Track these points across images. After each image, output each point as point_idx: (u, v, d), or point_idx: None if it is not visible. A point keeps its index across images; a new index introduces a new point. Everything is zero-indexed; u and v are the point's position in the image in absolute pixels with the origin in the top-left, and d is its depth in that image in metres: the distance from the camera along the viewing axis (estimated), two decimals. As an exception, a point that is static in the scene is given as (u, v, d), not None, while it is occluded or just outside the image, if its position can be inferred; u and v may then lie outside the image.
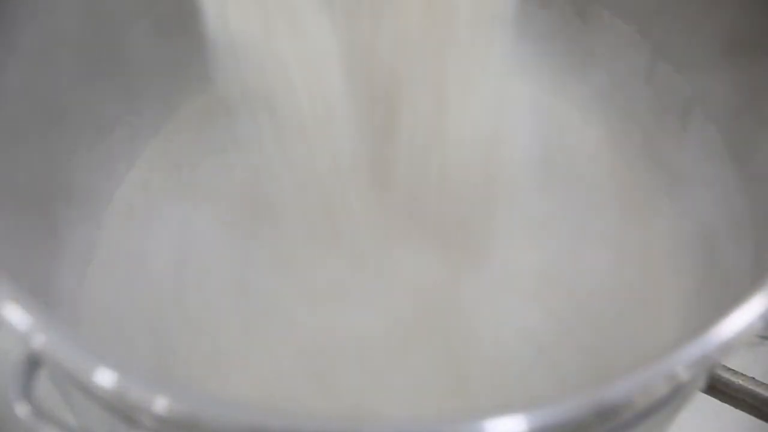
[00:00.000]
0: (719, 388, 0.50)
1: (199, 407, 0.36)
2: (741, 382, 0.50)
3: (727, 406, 0.51)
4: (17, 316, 0.38)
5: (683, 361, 0.38)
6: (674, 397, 0.43)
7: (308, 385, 0.61)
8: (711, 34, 0.64)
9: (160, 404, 0.36)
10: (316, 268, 0.66)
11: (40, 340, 0.38)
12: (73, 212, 0.69)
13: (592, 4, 0.74)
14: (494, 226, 0.68)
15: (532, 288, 0.66)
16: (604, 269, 0.68)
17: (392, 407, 0.59)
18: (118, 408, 0.40)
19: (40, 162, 0.63)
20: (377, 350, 0.62)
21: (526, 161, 0.70)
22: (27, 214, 0.61)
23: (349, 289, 0.66)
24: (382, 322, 0.64)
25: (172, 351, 0.63)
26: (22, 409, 0.39)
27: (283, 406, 0.59)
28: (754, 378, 0.50)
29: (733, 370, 0.50)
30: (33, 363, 0.40)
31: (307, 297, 0.65)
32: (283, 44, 0.56)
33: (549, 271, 0.66)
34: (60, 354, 0.37)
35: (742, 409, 0.51)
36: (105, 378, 0.36)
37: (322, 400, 0.60)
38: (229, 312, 0.63)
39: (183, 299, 0.65)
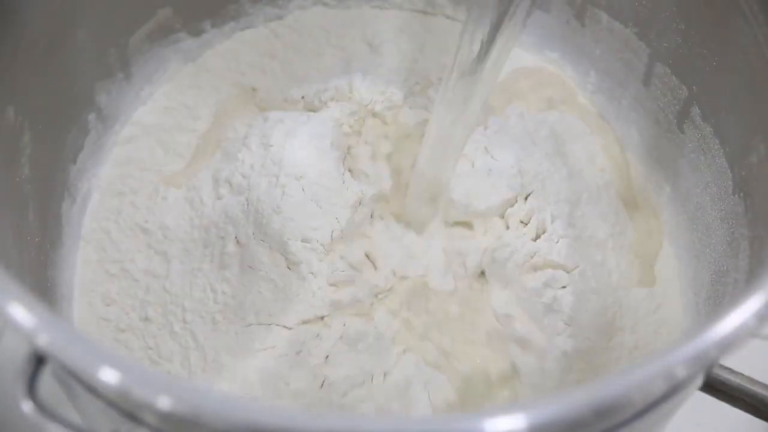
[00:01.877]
0: (717, 386, 0.50)
1: (201, 405, 0.36)
2: (739, 380, 0.50)
3: (724, 404, 0.51)
4: (22, 315, 0.39)
5: (681, 360, 0.39)
6: (672, 396, 0.43)
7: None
8: (707, 37, 0.64)
9: (163, 402, 0.36)
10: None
11: (44, 340, 0.38)
12: (73, 209, 0.69)
13: (591, 7, 0.74)
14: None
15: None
16: (602, 267, 0.68)
17: None
18: (121, 406, 0.41)
19: (40, 159, 0.63)
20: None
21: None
22: (28, 210, 0.62)
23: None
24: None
25: (167, 346, 0.64)
26: (26, 407, 0.39)
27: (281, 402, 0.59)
28: (751, 377, 0.50)
29: (730, 368, 0.50)
30: (37, 362, 0.40)
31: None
32: None
33: (549, 262, 0.66)
34: (65, 353, 0.38)
35: (740, 408, 0.51)
36: (109, 376, 0.37)
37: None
38: (227, 309, 0.63)
39: (178, 293, 0.65)
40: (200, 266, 0.66)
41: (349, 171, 0.69)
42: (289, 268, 0.64)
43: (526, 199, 0.68)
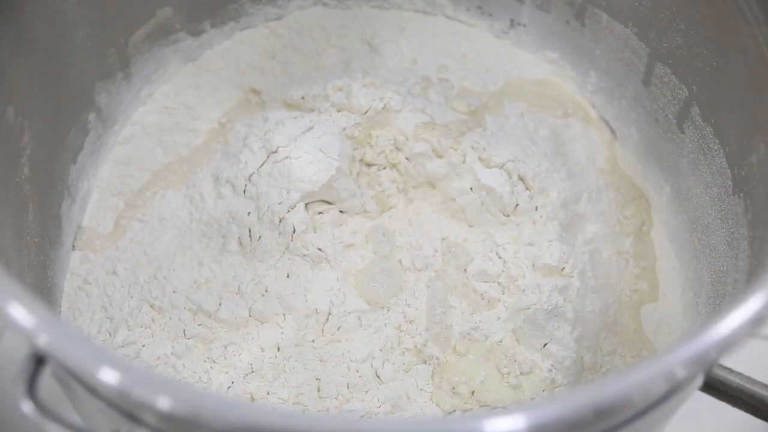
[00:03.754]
0: (717, 386, 0.50)
1: (200, 406, 0.36)
2: (738, 380, 0.50)
3: (724, 404, 0.51)
4: (22, 315, 0.39)
5: (681, 360, 0.39)
6: (672, 396, 0.43)
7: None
8: (707, 37, 0.64)
9: (163, 402, 0.36)
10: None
11: (44, 340, 0.38)
12: (73, 209, 0.70)
13: (591, 7, 0.74)
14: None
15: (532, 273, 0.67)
16: (602, 267, 0.68)
17: None
18: (121, 406, 0.41)
19: (41, 159, 0.63)
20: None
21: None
22: (28, 210, 0.62)
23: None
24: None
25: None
26: (26, 407, 0.39)
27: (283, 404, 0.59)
28: (751, 377, 0.50)
29: (730, 368, 0.50)
30: (37, 362, 0.40)
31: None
32: None
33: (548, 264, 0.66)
34: (65, 353, 0.38)
35: (740, 408, 0.51)
36: (109, 377, 0.37)
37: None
38: (227, 307, 0.63)
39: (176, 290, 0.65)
40: (194, 249, 0.67)
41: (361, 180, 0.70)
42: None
43: (516, 207, 0.68)
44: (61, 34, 0.65)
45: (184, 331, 0.63)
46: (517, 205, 0.68)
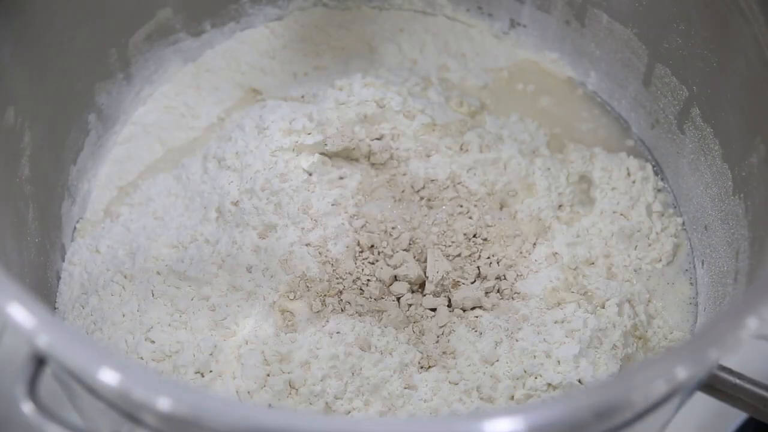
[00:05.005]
0: (717, 386, 0.50)
1: (200, 406, 0.36)
2: (738, 380, 0.50)
3: (724, 404, 0.52)
4: (22, 316, 0.39)
5: (681, 360, 0.39)
6: (672, 397, 0.43)
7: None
8: (707, 38, 0.64)
9: (163, 403, 0.36)
10: None
11: (44, 341, 0.38)
12: (73, 209, 0.70)
13: (591, 7, 0.74)
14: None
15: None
16: (604, 267, 0.68)
17: None
18: (121, 407, 0.41)
19: (41, 159, 0.63)
20: None
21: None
22: (28, 210, 0.62)
23: None
24: None
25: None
26: (27, 408, 0.39)
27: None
28: (751, 377, 0.50)
29: (730, 369, 0.50)
30: (38, 363, 0.40)
31: None
32: None
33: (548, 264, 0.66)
34: (65, 354, 0.38)
35: (740, 408, 0.51)
36: (109, 377, 0.37)
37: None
38: (197, 266, 0.63)
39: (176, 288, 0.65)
40: (176, 221, 0.67)
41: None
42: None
43: (516, 207, 0.68)
44: (61, 34, 0.65)
45: (152, 291, 0.63)
46: (517, 205, 0.68)
